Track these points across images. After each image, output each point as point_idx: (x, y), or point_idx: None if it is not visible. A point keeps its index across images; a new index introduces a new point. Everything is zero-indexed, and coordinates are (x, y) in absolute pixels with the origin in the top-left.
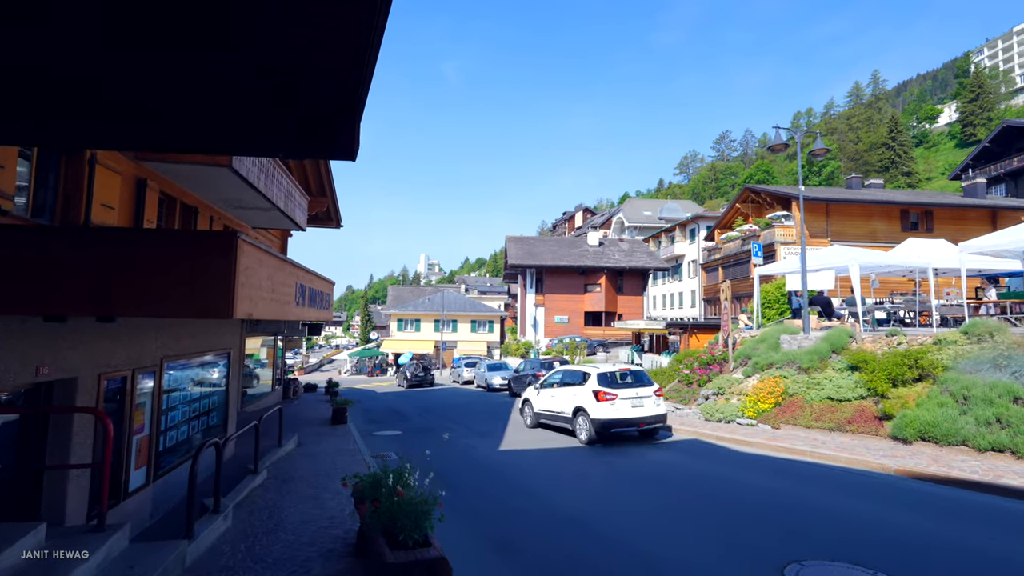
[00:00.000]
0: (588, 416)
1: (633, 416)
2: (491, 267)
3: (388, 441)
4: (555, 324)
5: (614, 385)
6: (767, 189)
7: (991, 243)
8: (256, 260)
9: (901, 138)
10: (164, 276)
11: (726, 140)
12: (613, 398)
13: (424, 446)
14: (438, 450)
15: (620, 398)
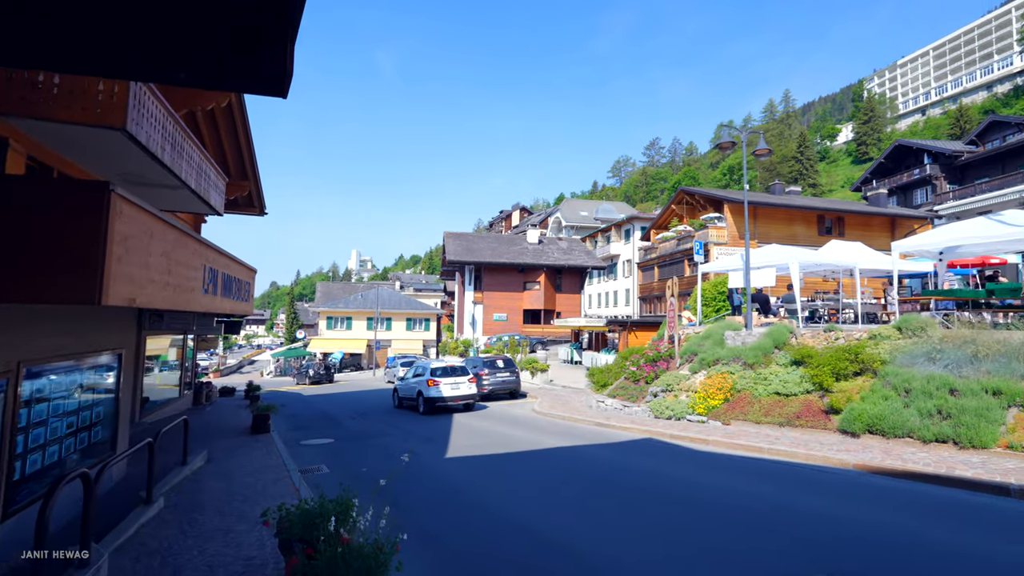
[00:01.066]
0: (423, 396)
1: (451, 395)
2: (427, 264)
3: (319, 452)
4: (494, 322)
5: (441, 375)
6: (701, 191)
7: (919, 243)
8: (143, 228)
9: (808, 152)
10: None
11: (656, 147)
12: (438, 383)
13: (361, 457)
14: (378, 461)
15: (443, 383)
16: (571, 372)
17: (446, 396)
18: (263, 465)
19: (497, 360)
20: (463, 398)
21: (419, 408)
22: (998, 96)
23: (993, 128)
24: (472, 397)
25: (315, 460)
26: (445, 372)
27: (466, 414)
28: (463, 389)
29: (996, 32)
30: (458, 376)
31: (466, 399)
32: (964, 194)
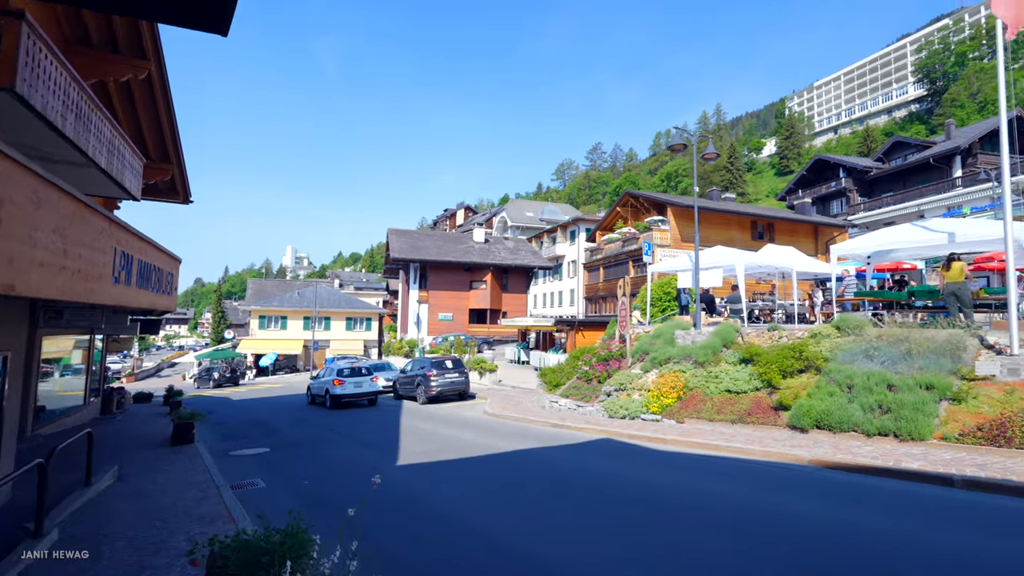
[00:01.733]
0: (329, 393)
1: (354, 392)
2: (367, 262)
3: (253, 464)
4: (439, 322)
5: (344, 376)
6: (645, 195)
7: (853, 247)
8: (26, 193)
9: (737, 163)
10: None
11: (598, 151)
12: (343, 382)
13: (303, 468)
14: (322, 473)
15: (347, 382)
16: (519, 372)
17: (350, 393)
18: (187, 481)
19: (446, 360)
20: (365, 395)
21: (327, 404)
22: (896, 120)
23: (897, 147)
24: (374, 394)
25: (249, 473)
26: (348, 374)
27: (415, 417)
28: (366, 387)
29: (895, 63)
30: (360, 377)
31: (368, 395)
32: (873, 206)
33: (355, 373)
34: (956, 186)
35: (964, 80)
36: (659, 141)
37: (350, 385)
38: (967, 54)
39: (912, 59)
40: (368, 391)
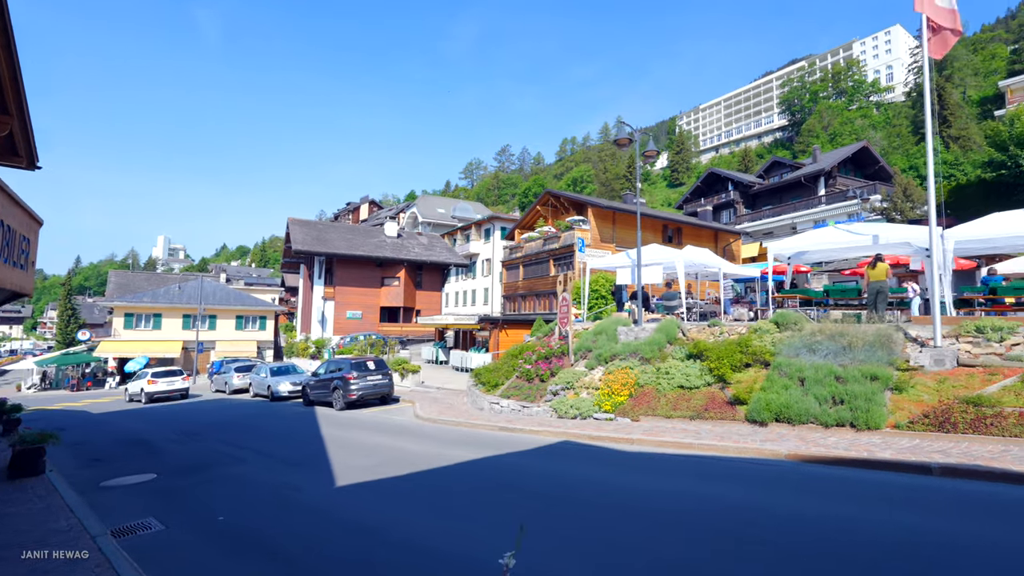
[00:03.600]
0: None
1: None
2: (258, 256)
3: (138, 497)
4: (347, 320)
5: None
6: (566, 195)
7: (781, 247)
8: None
9: (636, 173)
10: None
11: (506, 153)
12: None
13: (211, 498)
14: (239, 504)
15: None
16: (440, 372)
17: (163, 392)
18: (41, 532)
19: (367, 361)
20: (178, 392)
21: None
22: (765, 144)
23: (775, 167)
24: (184, 391)
25: (135, 511)
26: (244, 368)
27: (337, 425)
28: (177, 384)
29: (763, 95)
30: (174, 377)
31: (181, 393)
32: (755, 217)
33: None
34: (822, 203)
35: (817, 115)
36: (565, 147)
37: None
38: (819, 92)
39: (777, 93)
40: (176, 388)
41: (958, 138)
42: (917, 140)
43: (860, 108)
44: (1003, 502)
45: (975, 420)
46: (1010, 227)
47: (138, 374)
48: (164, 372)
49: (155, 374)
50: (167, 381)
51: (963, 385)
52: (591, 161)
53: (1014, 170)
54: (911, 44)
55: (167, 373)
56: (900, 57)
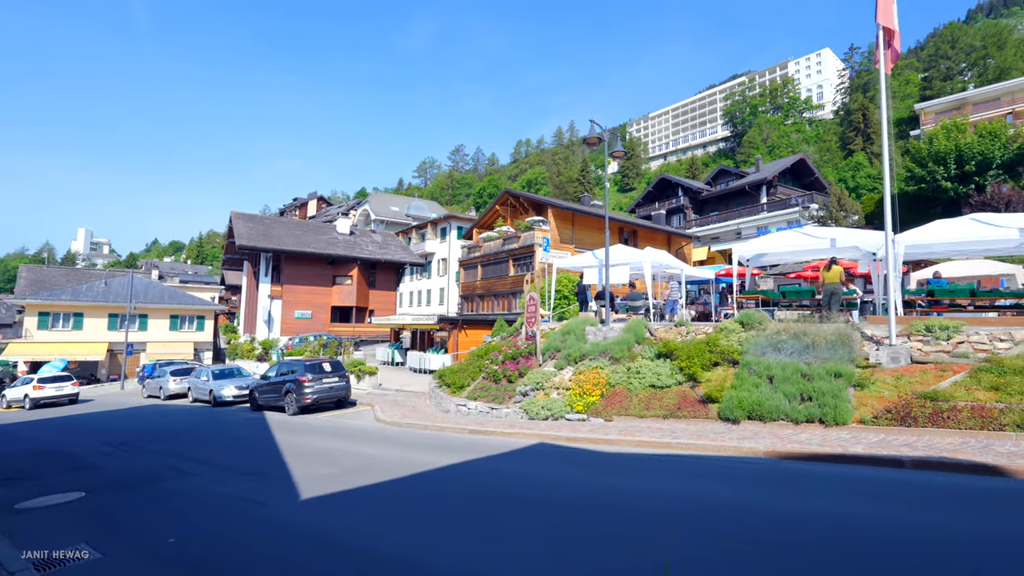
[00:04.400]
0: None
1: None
2: (194, 253)
3: (64, 519)
4: (295, 320)
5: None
6: (525, 195)
7: (742, 249)
8: None
9: (588, 177)
10: None
11: (461, 153)
12: None
13: (156, 517)
14: (191, 523)
15: None
16: (398, 374)
17: None
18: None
19: (323, 363)
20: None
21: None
22: (710, 154)
23: (721, 175)
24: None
25: (63, 538)
26: (182, 371)
27: (291, 431)
28: None
29: (708, 107)
30: (185, 375)
31: None
32: (703, 222)
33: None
34: (764, 210)
35: (757, 127)
36: (519, 149)
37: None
38: (758, 107)
39: (720, 105)
40: None
41: (879, 154)
42: (844, 155)
43: (795, 123)
44: (975, 493)
45: (933, 414)
46: (949, 234)
47: (21, 379)
48: (52, 377)
49: (42, 379)
50: (55, 387)
51: (918, 381)
52: (545, 164)
53: (932, 184)
54: (839, 67)
55: (55, 379)
56: (829, 78)
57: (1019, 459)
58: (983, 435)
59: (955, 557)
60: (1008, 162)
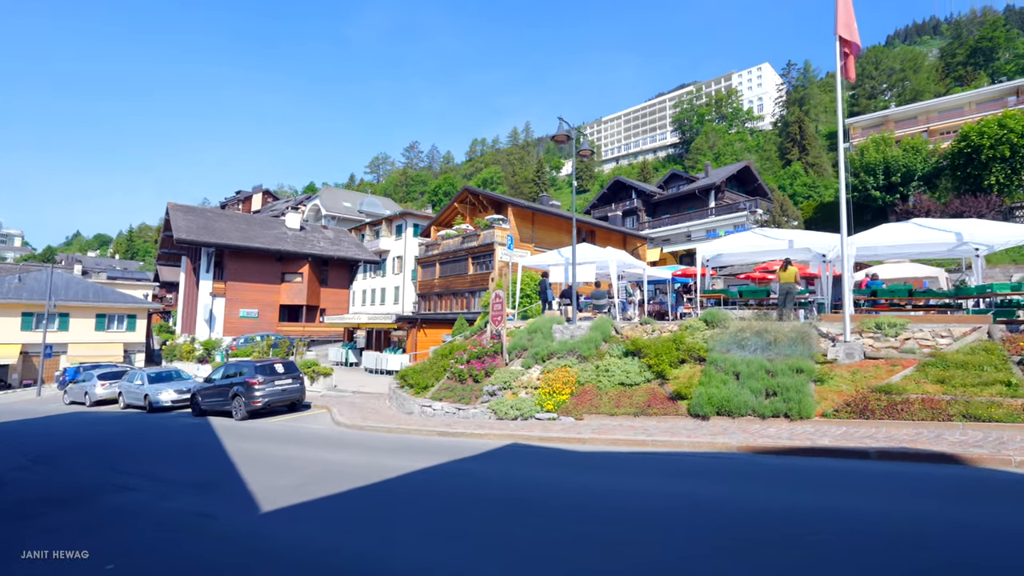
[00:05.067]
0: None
1: None
2: (123, 247)
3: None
4: (240, 319)
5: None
6: (486, 193)
7: (707, 249)
8: None
9: (544, 178)
10: None
11: (415, 150)
12: None
13: (89, 540)
14: (135, 546)
15: None
16: (353, 375)
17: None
18: None
19: (275, 364)
20: None
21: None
22: (660, 158)
23: (673, 179)
24: None
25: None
26: (112, 375)
27: (242, 438)
28: None
29: (658, 113)
30: (115, 379)
31: None
32: (656, 224)
33: (114, 376)
34: (712, 214)
35: (704, 135)
36: (475, 148)
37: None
38: (705, 115)
39: (670, 112)
40: None
41: (813, 164)
42: (783, 164)
43: (738, 132)
44: (938, 480)
45: (888, 407)
46: (895, 237)
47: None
48: (113, 374)
49: (102, 376)
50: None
51: (872, 376)
52: (500, 163)
53: (863, 192)
54: (777, 81)
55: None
56: (768, 91)
57: (971, 447)
58: (934, 425)
59: (941, 546)
60: (927, 175)
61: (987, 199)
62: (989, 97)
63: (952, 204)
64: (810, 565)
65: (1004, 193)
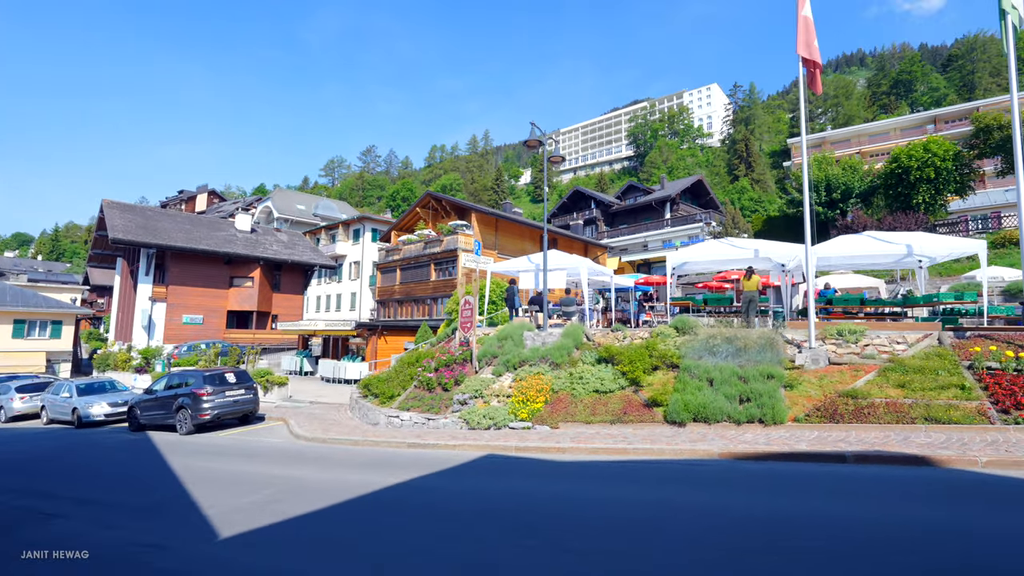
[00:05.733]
0: None
1: None
2: (47, 248)
3: None
4: (183, 326)
5: None
6: (449, 198)
7: (675, 257)
8: None
9: (503, 186)
10: None
11: (372, 154)
12: None
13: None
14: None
15: None
16: (308, 384)
17: None
18: None
19: (226, 374)
20: None
21: None
22: (615, 171)
23: (631, 190)
24: None
25: None
26: (32, 387)
27: (190, 454)
28: None
29: (614, 127)
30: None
31: None
32: (614, 234)
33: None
34: (668, 225)
35: (658, 149)
36: (434, 154)
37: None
38: (658, 131)
39: (625, 126)
40: None
41: (759, 180)
42: (731, 180)
43: (689, 148)
44: (916, 482)
45: (856, 411)
46: (850, 248)
47: None
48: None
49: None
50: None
51: (838, 381)
52: (459, 170)
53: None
54: (724, 101)
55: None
56: (717, 110)
57: (939, 449)
58: (899, 428)
59: (921, 549)
60: (863, 193)
61: (915, 216)
62: (912, 124)
63: (885, 220)
64: (790, 572)
65: (929, 211)
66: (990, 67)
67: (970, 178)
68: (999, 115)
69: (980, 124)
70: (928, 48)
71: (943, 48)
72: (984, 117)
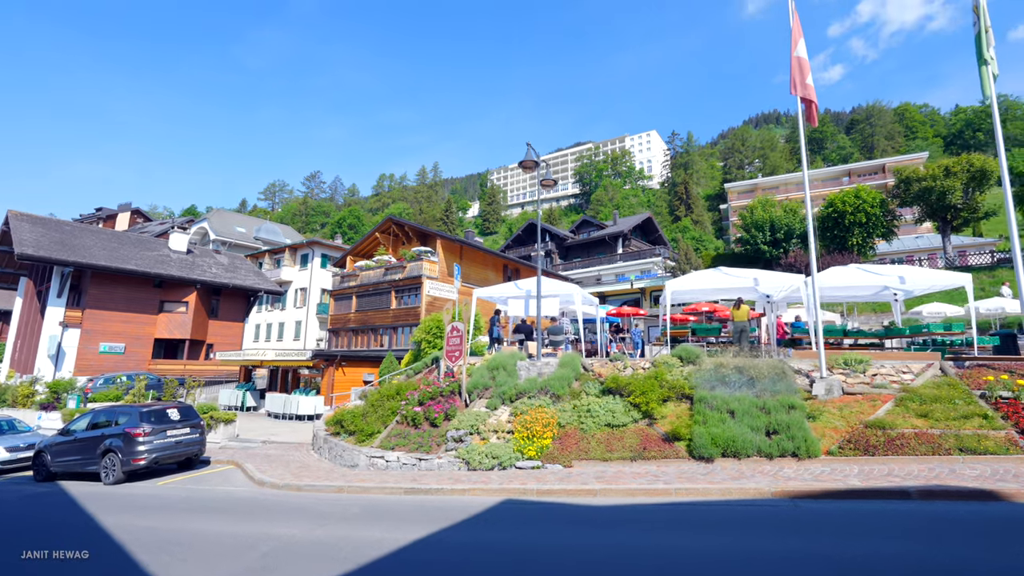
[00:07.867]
0: None
1: None
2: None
3: None
4: (98, 355)
5: None
6: (412, 224)
7: (683, 285)
8: None
9: (452, 217)
10: None
11: (317, 179)
12: None
13: None
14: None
15: None
16: (255, 421)
17: None
18: None
19: (168, 409)
20: None
21: None
22: (563, 207)
23: (584, 225)
24: None
25: None
26: None
27: (127, 510)
28: None
29: (562, 164)
30: None
31: None
32: (568, 267)
33: None
34: (620, 259)
35: (603, 188)
36: (382, 183)
37: None
38: (603, 171)
39: (572, 165)
40: None
41: (698, 221)
42: (672, 220)
43: (632, 188)
44: (996, 521)
45: (887, 443)
46: (841, 280)
47: None
48: None
49: None
50: None
51: (858, 411)
52: (408, 200)
53: (754, 246)
54: (663, 147)
55: None
56: (656, 155)
57: (999, 482)
58: (937, 460)
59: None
60: (803, 234)
61: (851, 257)
62: (831, 176)
63: (824, 260)
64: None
65: (862, 253)
66: (885, 131)
67: (894, 224)
68: (916, 169)
69: (901, 176)
70: (831, 112)
71: (844, 114)
72: (904, 170)
